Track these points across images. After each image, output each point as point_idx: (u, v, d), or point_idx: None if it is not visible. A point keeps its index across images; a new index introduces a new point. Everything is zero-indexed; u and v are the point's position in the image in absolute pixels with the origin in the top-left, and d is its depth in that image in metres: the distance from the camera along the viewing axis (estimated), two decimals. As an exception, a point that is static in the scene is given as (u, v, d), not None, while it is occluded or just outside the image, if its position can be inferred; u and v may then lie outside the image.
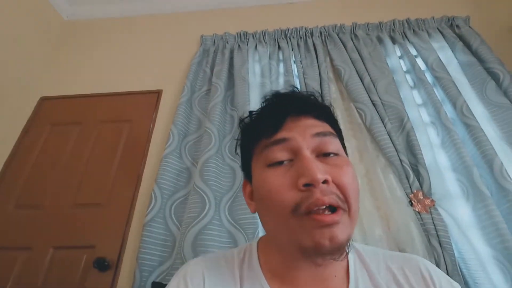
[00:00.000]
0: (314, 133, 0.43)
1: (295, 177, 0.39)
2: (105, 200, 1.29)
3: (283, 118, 0.44)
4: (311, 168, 0.38)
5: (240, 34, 1.73)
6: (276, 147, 0.42)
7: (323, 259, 0.38)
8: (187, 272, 0.46)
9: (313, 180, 0.37)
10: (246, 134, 0.50)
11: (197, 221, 1.08)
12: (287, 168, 0.41)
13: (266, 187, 0.40)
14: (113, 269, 1.13)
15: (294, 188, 0.38)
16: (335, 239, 0.36)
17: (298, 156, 0.41)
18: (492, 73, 1.38)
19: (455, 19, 1.65)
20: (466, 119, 1.23)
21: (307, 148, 0.41)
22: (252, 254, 0.49)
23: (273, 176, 0.41)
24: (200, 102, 1.50)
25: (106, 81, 1.71)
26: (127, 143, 1.45)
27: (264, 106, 0.49)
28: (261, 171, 0.43)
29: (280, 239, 0.41)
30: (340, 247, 0.36)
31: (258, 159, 0.45)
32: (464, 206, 1.09)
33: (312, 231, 0.36)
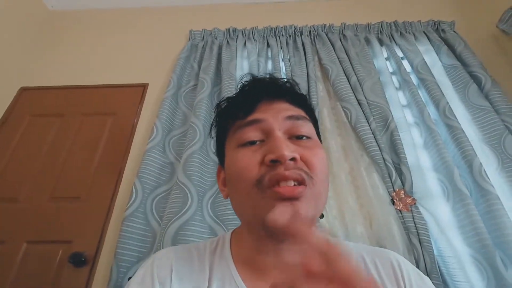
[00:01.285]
0: (286, 116, 0.43)
1: (264, 154, 0.39)
2: (84, 194, 1.26)
3: (257, 100, 0.45)
4: (279, 145, 0.38)
5: (230, 31, 1.72)
6: (249, 128, 0.42)
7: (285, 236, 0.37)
8: (155, 262, 0.45)
9: (280, 156, 0.37)
10: (221, 117, 0.50)
11: (178, 216, 1.06)
12: (258, 148, 0.41)
13: (236, 165, 0.41)
14: (90, 264, 1.10)
15: (261, 165, 0.39)
16: (298, 212, 0.35)
17: (269, 137, 0.41)
18: (475, 77, 1.41)
19: (440, 24, 1.68)
20: (448, 120, 1.25)
21: (279, 129, 0.41)
22: (225, 244, 0.48)
23: (243, 154, 0.41)
24: (186, 97, 1.48)
25: (90, 73, 1.67)
26: (110, 137, 1.41)
27: (240, 90, 0.49)
28: (233, 151, 0.43)
29: (246, 216, 0.42)
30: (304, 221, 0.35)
31: (231, 140, 0.45)
32: (444, 205, 1.11)
33: (273, 204, 0.35)
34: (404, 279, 0.43)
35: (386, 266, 0.45)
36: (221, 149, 0.49)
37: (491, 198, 1.03)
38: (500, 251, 0.97)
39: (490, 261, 0.94)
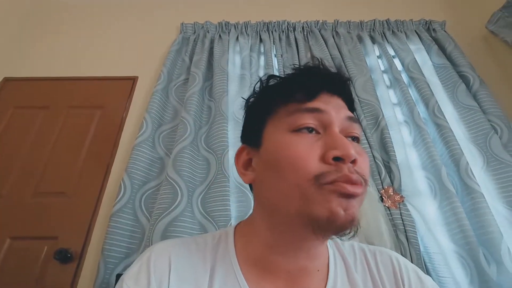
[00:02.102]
0: (347, 116, 0.41)
1: (324, 149, 0.36)
2: (70, 189, 1.23)
3: (321, 88, 0.42)
4: (345, 143, 0.36)
5: (222, 24, 1.69)
6: (308, 115, 0.39)
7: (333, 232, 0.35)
8: (152, 256, 0.41)
9: (346, 155, 0.35)
10: (268, 95, 0.45)
11: (167, 212, 1.05)
12: (315, 139, 0.38)
13: (290, 152, 0.37)
14: (76, 261, 1.08)
15: (321, 160, 0.36)
16: (351, 210, 0.33)
17: (328, 131, 0.38)
18: (463, 77, 1.43)
19: (432, 23, 1.70)
20: (437, 119, 1.27)
21: (338, 126, 0.39)
22: (228, 240, 0.45)
23: (299, 142, 0.37)
24: (177, 91, 1.45)
25: (78, 65, 1.62)
26: (98, 131, 1.38)
27: (296, 73, 0.45)
28: (282, 135, 0.39)
29: (284, 211, 0.37)
30: (353, 221, 0.34)
31: (280, 122, 0.41)
32: (431, 203, 1.13)
33: (330, 198, 0.33)
34: (403, 278, 0.44)
35: (386, 263, 0.45)
36: (256, 128, 0.44)
37: (476, 196, 1.05)
38: (484, 248, 0.99)
39: (473, 257, 0.97)
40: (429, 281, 0.45)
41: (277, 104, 0.43)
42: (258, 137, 0.43)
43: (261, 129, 0.43)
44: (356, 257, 0.46)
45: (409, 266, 0.46)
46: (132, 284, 0.38)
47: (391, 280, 0.43)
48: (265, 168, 0.40)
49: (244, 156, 0.46)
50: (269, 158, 0.40)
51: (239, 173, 0.46)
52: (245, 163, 0.46)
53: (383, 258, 0.46)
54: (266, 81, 0.46)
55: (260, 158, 0.42)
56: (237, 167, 0.47)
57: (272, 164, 0.39)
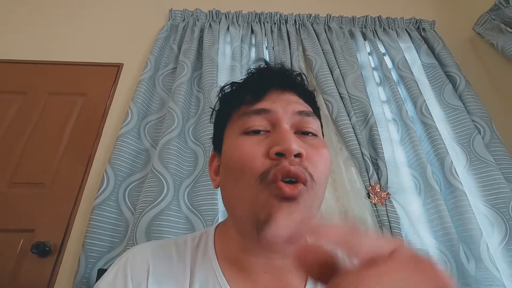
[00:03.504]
0: (297, 110, 0.41)
1: (269, 146, 0.37)
2: (49, 180, 1.16)
3: (267, 88, 0.42)
4: (287, 138, 0.36)
5: (212, 13, 1.64)
6: (255, 117, 0.40)
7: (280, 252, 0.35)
8: (128, 260, 0.40)
9: (286, 149, 0.35)
10: (225, 101, 0.47)
11: (153, 205, 1.02)
12: (262, 138, 0.38)
13: (238, 154, 0.38)
14: (55, 254, 1.03)
15: (266, 157, 0.36)
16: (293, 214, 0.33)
17: (276, 128, 0.39)
18: (450, 77, 1.46)
19: (422, 22, 1.71)
20: (424, 118, 1.29)
21: (287, 122, 0.39)
22: (208, 240, 0.44)
23: (247, 143, 0.38)
24: (164, 81, 1.40)
25: (58, 48, 1.53)
26: (79, 119, 1.32)
27: (248, 76, 0.46)
28: (234, 138, 0.40)
29: (241, 212, 0.38)
30: None
31: (234, 126, 0.42)
32: (416, 200, 1.15)
33: (272, 202, 0.33)
34: None
35: None
36: (219, 135, 0.46)
37: (459, 194, 1.09)
38: (464, 244, 1.03)
39: (454, 253, 1.00)
40: None
41: (232, 110, 0.44)
42: (220, 143, 0.45)
43: (222, 135, 0.45)
44: None
45: None
46: None
47: None
48: (224, 172, 0.41)
49: (215, 163, 0.47)
50: (226, 161, 0.41)
51: (211, 178, 0.47)
52: (216, 169, 0.46)
53: None
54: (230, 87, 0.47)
55: (221, 163, 0.43)
56: (209, 173, 0.48)
57: (227, 168, 0.40)
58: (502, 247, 1.06)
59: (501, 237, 1.07)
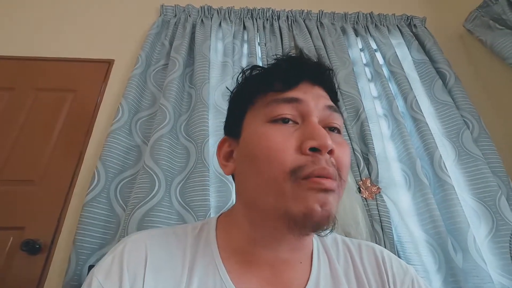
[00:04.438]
0: (327, 105, 0.40)
1: (301, 139, 0.36)
2: (38, 177, 1.15)
3: (300, 78, 0.41)
4: (322, 133, 0.35)
5: (204, 9, 1.63)
6: (286, 105, 0.38)
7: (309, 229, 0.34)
8: (126, 248, 0.39)
9: (323, 145, 0.34)
10: (248, 85, 0.45)
11: (144, 202, 1.02)
12: (292, 129, 0.37)
13: (265, 143, 0.36)
14: (46, 252, 1.02)
15: (297, 151, 0.35)
16: (327, 206, 0.33)
17: (306, 121, 0.38)
18: (440, 73, 1.48)
19: (413, 19, 1.72)
20: (414, 113, 1.31)
21: (316, 116, 0.38)
22: (210, 230, 0.43)
23: (276, 132, 0.37)
24: (156, 77, 1.39)
25: (47, 44, 1.50)
26: (69, 115, 1.30)
27: (278, 62, 0.44)
28: (259, 126, 0.39)
29: (262, 205, 0.37)
30: (329, 217, 0.33)
31: (258, 113, 0.40)
32: (406, 194, 1.17)
33: (307, 194, 0.33)
34: (386, 269, 0.44)
35: (370, 255, 0.46)
36: (237, 119, 0.44)
37: (447, 188, 1.10)
38: (452, 237, 1.05)
39: (442, 246, 1.02)
40: (411, 269, 0.46)
41: (256, 95, 0.42)
42: (238, 128, 0.43)
43: (241, 120, 0.43)
44: (339, 250, 0.47)
45: (393, 257, 0.47)
46: (102, 278, 0.36)
47: (375, 272, 0.44)
48: (243, 159, 0.40)
49: (226, 148, 0.46)
50: (247, 149, 0.39)
51: (220, 164, 0.46)
52: (227, 154, 0.45)
53: (367, 250, 0.47)
54: (249, 72, 0.46)
55: (239, 149, 0.42)
56: (218, 158, 0.46)
57: (249, 156, 0.38)
58: (488, 239, 1.08)
59: (488, 230, 1.09)
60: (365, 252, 0.46)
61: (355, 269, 0.44)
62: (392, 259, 0.46)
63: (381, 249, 0.48)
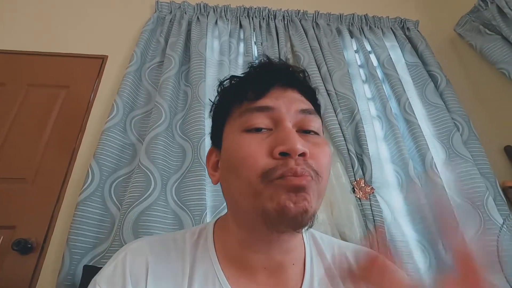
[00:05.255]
0: (299, 109, 0.40)
1: (272, 145, 0.36)
2: (30, 175, 1.13)
3: (271, 85, 0.41)
4: (291, 138, 0.36)
5: (200, 6, 1.61)
6: (258, 114, 0.39)
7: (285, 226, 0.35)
8: (127, 256, 0.40)
9: (292, 149, 0.35)
10: (225, 96, 0.46)
11: (140, 201, 1.01)
12: (264, 136, 0.38)
13: (240, 152, 0.38)
14: (38, 251, 1.01)
15: (269, 156, 0.36)
16: (301, 203, 0.33)
17: (278, 127, 0.38)
18: (432, 76, 1.51)
19: (406, 22, 1.75)
20: (407, 115, 1.34)
21: (290, 121, 0.39)
22: (208, 236, 0.45)
23: (249, 141, 0.38)
24: (151, 74, 1.38)
25: (40, 39, 1.46)
26: (62, 112, 1.27)
27: (250, 71, 0.45)
28: (235, 135, 0.40)
29: (243, 208, 0.38)
30: (304, 213, 0.33)
31: (235, 123, 0.41)
32: (398, 195, 1.20)
33: (278, 193, 0.34)
34: None
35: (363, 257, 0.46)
36: (218, 130, 0.45)
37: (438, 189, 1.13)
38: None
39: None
40: None
41: (233, 105, 0.43)
42: (219, 139, 0.44)
43: (221, 130, 0.44)
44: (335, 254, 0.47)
45: None
46: (105, 286, 0.37)
47: None
48: (225, 168, 0.41)
49: (214, 158, 0.47)
50: (226, 158, 0.41)
51: (209, 174, 0.47)
52: (214, 164, 0.46)
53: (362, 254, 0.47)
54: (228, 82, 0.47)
55: (222, 159, 0.43)
56: (207, 168, 0.48)
57: (229, 164, 0.40)
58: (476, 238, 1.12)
59: (476, 229, 1.13)
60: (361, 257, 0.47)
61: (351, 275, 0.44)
62: None
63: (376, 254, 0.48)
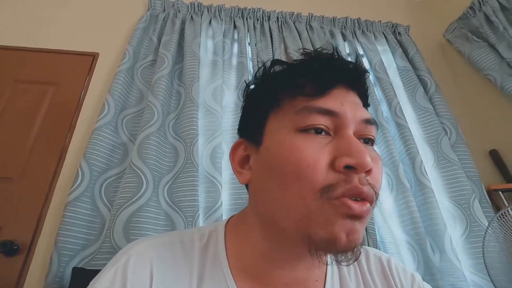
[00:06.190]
0: (364, 118, 0.35)
1: (335, 154, 0.32)
2: (17, 174, 1.09)
3: (334, 83, 0.36)
4: (361, 150, 0.31)
5: (194, 5, 1.60)
6: (320, 116, 0.34)
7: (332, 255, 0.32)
8: (129, 261, 0.36)
9: (361, 164, 0.30)
10: (273, 83, 0.39)
11: (131, 201, 0.99)
12: (325, 142, 0.33)
13: (295, 157, 0.32)
14: (24, 253, 0.98)
15: (330, 167, 0.31)
16: (355, 235, 0.30)
17: (341, 133, 0.34)
18: (422, 80, 1.55)
19: (397, 26, 1.78)
20: (398, 119, 1.36)
21: (352, 129, 0.34)
22: (218, 241, 0.40)
23: (307, 145, 0.32)
24: (143, 73, 1.36)
25: (29, 33, 1.41)
26: (51, 110, 1.24)
27: (308, 60, 0.38)
28: (287, 134, 0.34)
29: (282, 226, 0.33)
30: (355, 246, 0.30)
31: (285, 118, 0.35)
32: (388, 197, 1.22)
33: (333, 219, 0.30)
34: (395, 280, 0.44)
35: (377, 265, 0.46)
36: (257, 121, 0.39)
37: (427, 191, 1.16)
38: (430, 238, 1.11)
39: (421, 246, 1.08)
40: (417, 277, 0.46)
41: (283, 97, 0.37)
42: (259, 133, 0.38)
43: (263, 124, 0.38)
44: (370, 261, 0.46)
45: (399, 267, 0.46)
46: None
47: (383, 283, 0.44)
48: (265, 170, 0.35)
49: (241, 152, 0.41)
50: (271, 160, 0.35)
51: (234, 171, 0.41)
52: (242, 160, 0.41)
53: (375, 261, 0.46)
54: (271, 67, 0.40)
55: (259, 157, 0.37)
56: (233, 164, 0.41)
57: (274, 168, 0.34)
58: (463, 240, 1.15)
59: (462, 231, 1.16)
60: (372, 263, 0.46)
61: (364, 281, 0.43)
62: (398, 269, 0.46)
63: (387, 259, 0.47)
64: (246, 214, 0.42)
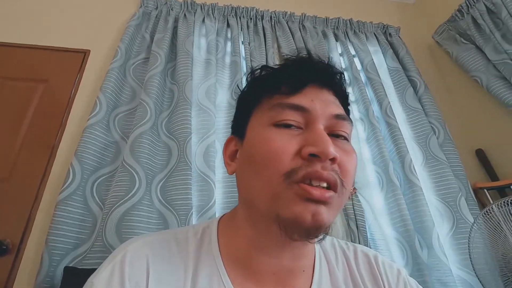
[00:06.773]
0: (334, 114, 0.39)
1: (302, 144, 0.35)
2: (6, 172, 1.07)
3: (307, 81, 0.40)
4: (325, 140, 0.34)
5: (187, 3, 1.59)
6: (290, 111, 0.38)
7: (299, 236, 0.34)
8: (126, 257, 0.37)
9: (323, 152, 0.33)
10: (256, 86, 0.44)
11: (124, 200, 0.99)
12: (295, 134, 0.37)
13: (266, 146, 0.36)
14: (14, 253, 0.96)
15: (296, 155, 0.34)
16: (319, 216, 0.32)
17: (310, 127, 0.37)
18: (412, 81, 1.58)
19: (388, 28, 1.81)
20: (388, 118, 1.39)
21: (322, 123, 0.37)
22: (212, 235, 0.42)
23: (278, 136, 0.36)
24: (136, 71, 1.35)
25: (18, 29, 1.38)
26: (40, 107, 1.22)
27: (286, 63, 0.43)
28: (263, 128, 0.38)
29: (258, 207, 0.37)
30: (320, 227, 0.33)
31: (263, 115, 0.40)
32: (379, 195, 1.25)
33: (295, 201, 0.33)
34: (382, 276, 0.45)
35: (364, 261, 0.47)
36: (242, 119, 0.43)
37: (416, 190, 1.19)
38: (419, 234, 1.14)
39: (410, 243, 1.10)
40: (402, 272, 0.48)
41: (263, 96, 0.42)
42: (243, 128, 0.42)
43: (247, 121, 0.42)
44: (338, 256, 0.47)
45: (386, 263, 0.48)
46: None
47: (371, 279, 0.45)
48: (245, 160, 0.40)
49: (232, 147, 0.45)
50: (248, 150, 0.39)
51: (225, 163, 0.46)
52: (232, 153, 0.45)
53: (362, 257, 0.47)
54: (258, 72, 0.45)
55: (242, 150, 0.42)
56: (224, 157, 0.46)
57: (250, 157, 0.38)
58: (449, 236, 1.18)
59: (449, 228, 1.19)
60: (360, 259, 0.47)
61: (352, 277, 0.45)
62: (385, 265, 0.47)
63: (375, 255, 0.49)
64: (236, 209, 0.45)
